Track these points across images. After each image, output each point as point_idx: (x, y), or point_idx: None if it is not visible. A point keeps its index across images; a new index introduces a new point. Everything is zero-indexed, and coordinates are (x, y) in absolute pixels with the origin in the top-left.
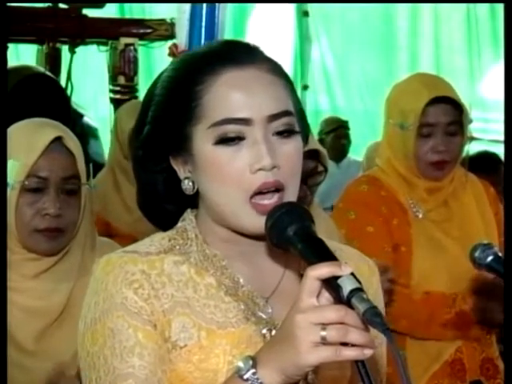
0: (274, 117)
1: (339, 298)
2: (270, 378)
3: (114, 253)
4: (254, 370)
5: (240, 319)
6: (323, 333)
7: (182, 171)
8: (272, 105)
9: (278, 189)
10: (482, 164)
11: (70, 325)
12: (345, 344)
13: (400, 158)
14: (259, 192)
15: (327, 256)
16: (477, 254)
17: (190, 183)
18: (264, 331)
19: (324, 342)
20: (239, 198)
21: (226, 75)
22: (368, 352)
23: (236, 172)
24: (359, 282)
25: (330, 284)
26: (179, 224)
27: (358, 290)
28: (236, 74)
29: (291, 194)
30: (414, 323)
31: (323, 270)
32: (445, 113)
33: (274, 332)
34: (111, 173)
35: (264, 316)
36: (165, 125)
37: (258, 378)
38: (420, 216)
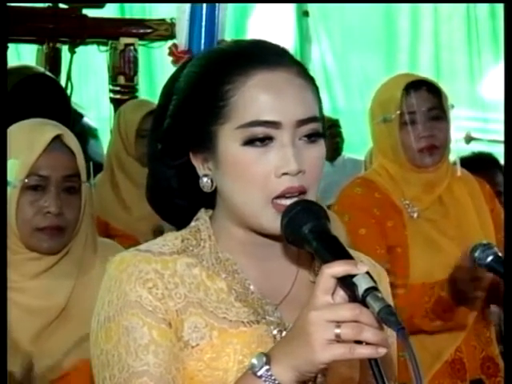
0: (302, 122)
1: (354, 297)
2: (284, 375)
3: (127, 251)
4: (267, 367)
5: (252, 320)
6: (337, 330)
7: (201, 168)
8: (301, 110)
9: (301, 193)
10: (475, 164)
11: (70, 324)
12: (359, 342)
13: (389, 157)
14: (282, 196)
15: (342, 254)
16: (477, 254)
17: (209, 181)
18: (275, 332)
19: (338, 339)
20: (261, 199)
21: (257, 77)
22: (382, 350)
23: (261, 174)
24: (374, 281)
25: (345, 282)
26: (193, 223)
27: (373, 289)
28: (266, 76)
29: (311, 197)
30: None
31: (339, 268)
32: (424, 99)
33: (284, 333)
34: (109, 172)
35: (274, 319)
36: (188, 120)
37: (271, 375)
38: (415, 216)
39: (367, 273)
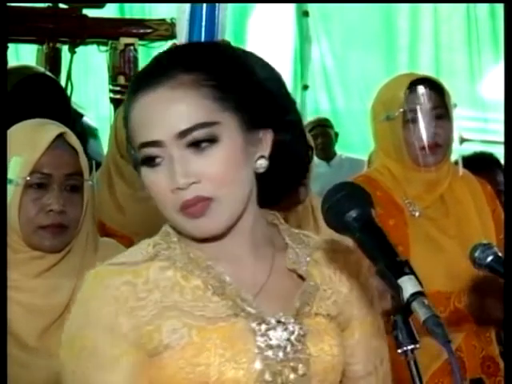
0: (184, 133)
1: (399, 299)
2: None
3: (102, 265)
4: None
5: (230, 314)
6: None
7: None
8: (180, 121)
9: (202, 201)
10: (477, 164)
11: None
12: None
13: (392, 155)
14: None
15: (386, 248)
16: (477, 254)
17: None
18: (253, 325)
19: None
20: (172, 212)
21: (140, 100)
22: None
23: (161, 192)
24: (421, 284)
25: (391, 282)
26: (163, 228)
27: (419, 294)
28: (148, 96)
29: (226, 203)
30: None
31: None
32: (427, 97)
33: (263, 326)
34: (106, 172)
35: (253, 311)
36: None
37: None
38: (417, 215)
39: (413, 274)
